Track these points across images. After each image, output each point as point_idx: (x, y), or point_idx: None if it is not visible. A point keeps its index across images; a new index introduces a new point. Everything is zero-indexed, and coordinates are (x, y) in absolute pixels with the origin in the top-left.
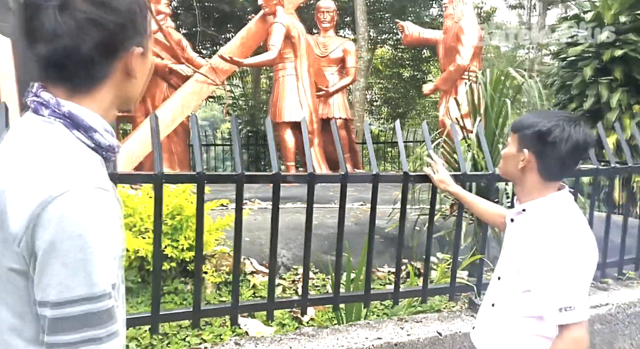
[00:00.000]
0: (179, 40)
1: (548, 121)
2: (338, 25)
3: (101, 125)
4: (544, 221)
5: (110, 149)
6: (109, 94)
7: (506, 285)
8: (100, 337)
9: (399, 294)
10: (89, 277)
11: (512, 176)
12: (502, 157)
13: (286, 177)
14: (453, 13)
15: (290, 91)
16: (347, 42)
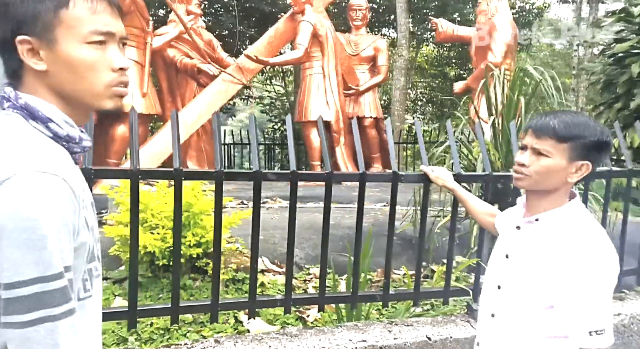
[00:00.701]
0: (209, 40)
1: (598, 127)
2: (379, 24)
3: (59, 116)
4: (567, 234)
5: (70, 140)
6: (39, 89)
7: (511, 296)
8: (54, 314)
9: (388, 296)
10: (40, 258)
11: (547, 189)
12: (539, 171)
13: (303, 176)
14: (487, 9)
15: (317, 89)
16: (379, 40)
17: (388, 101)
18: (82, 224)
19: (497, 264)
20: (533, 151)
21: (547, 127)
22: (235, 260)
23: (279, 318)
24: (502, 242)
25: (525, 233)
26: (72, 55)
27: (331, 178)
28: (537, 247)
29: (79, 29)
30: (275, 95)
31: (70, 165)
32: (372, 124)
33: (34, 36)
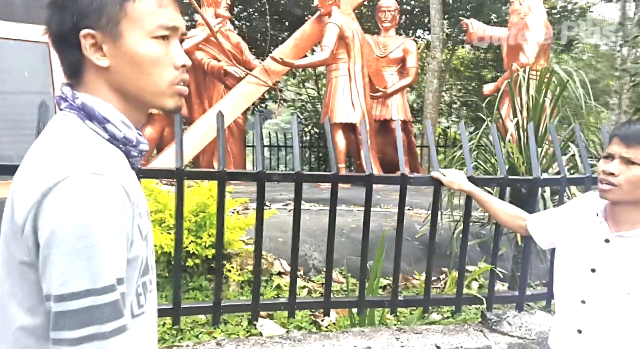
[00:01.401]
0: (237, 43)
1: None
2: (413, 25)
3: (116, 116)
4: None
5: (127, 142)
6: (99, 86)
7: (601, 311)
8: (103, 333)
9: (396, 302)
10: (91, 267)
11: (637, 199)
12: (631, 180)
13: (308, 177)
14: (519, 8)
15: (342, 91)
16: (408, 42)
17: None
18: (136, 233)
19: (579, 278)
20: (622, 160)
21: (638, 135)
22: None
23: (293, 322)
24: (581, 256)
25: (617, 247)
26: (137, 50)
27: (337, 180)
28: (633, 261)
29: (145, 22)
30: (307, 98)
31: (127, 169)
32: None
33: (98, 30)
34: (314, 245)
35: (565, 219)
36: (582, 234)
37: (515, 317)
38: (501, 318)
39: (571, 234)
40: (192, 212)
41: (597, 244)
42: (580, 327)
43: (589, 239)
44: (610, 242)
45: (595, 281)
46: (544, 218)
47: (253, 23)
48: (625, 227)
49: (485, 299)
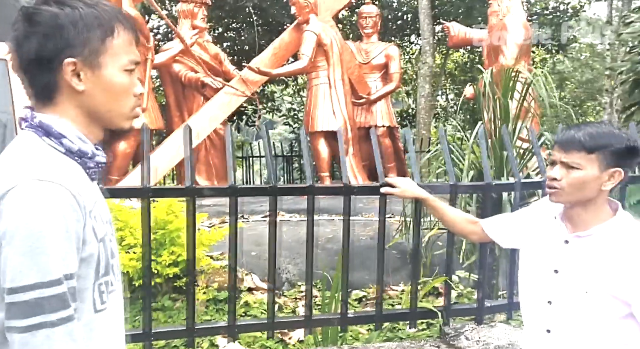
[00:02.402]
0: (216, 54)
1: (624, 133)
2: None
3: (72, 132)
4: (629, 245)
5: (83, 155)
6: (69, 106)
7: (567, 311)
8: (51, 321)
9: (346, 320)
10: (39, 264)
11: (585, 200)
12: (572, 183)
13: (284, 190)
14: (498, 10)
15: (323, 99)
16: (390, 47)
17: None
18: (89, 233)
19: (544, 279)
20: (563, 165)
21: (573, 140)
22: (220, 278)
23: (259, 340)
24: (543, 258)
25: (576, 248)
26: (112, 80)
27: (313, 191)
28: (594, 261)
29: (120, 57)
30: (298, 107)
31: (81, 178)
32: (385, 133)
33: (80, 59)
34: (288, 258)
35: (526, 223)
36: (544, 237)
37: (474, 331)
38: (459, 332)
39: (533, 237)
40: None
41: (557, 245)
42: (549, 327)
43: (550, 241)
44: (570, 243)
45: (559, 281)
46: (501, 221)
47: (242, 34)
48: (581, 227)
49: (442, 312)
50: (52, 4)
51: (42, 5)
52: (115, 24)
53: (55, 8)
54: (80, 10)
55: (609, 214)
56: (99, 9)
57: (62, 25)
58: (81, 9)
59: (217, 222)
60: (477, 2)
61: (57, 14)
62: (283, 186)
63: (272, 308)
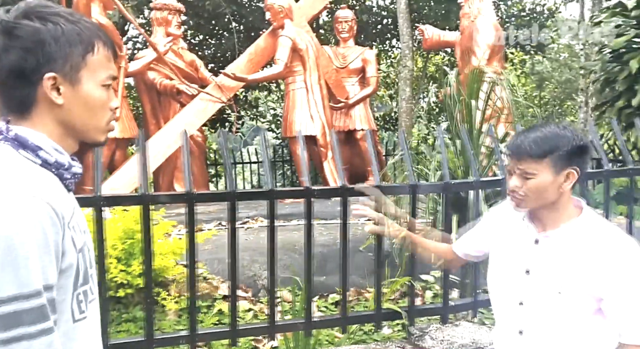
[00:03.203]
0: (191, 61)
1: (569, 133)
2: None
3: (48, 144)
4: (596, 242)
5: (59, 166)
6: (46, 120)
7: (539, 311)
8: (30, 333)
9: (311, 324)
10: (17, 276)
11: (547, 202)
12: (530, 191)
13: (244, 195)
14: (469, 12)
15: (300, 104)
16: (367, 51)
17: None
18: (68, 244)
19: (515, 280)
20: (518, 174)
21: (521, 150)
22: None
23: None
24: (513, 259)
25: (546, 247)
26: (91, 94)
27: (274, 196)
28: (565, 260)
29: (99, 73)
30: (281, 113)
31: (57, 189)
32: (364, 137)
33: (60, 73)
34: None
35: (492, 228)
36: (513, 238)
37: (438, 330)
38: (424, 332)
39: (502, 239)
40: (120, 239)
41: (527, 246)
42: (521, 328)
43: (520, 242)
44: (540, 243)
45: (530, 282)
46: (469, 238)
47: (222, 41)
48: (550, 227)
49: (406, 312)
50: (33, 19)
51: (22, 20)
52: (95, 40)
53: (37, 23)
54: (62, 26)
55: (575, 212)
56: (80, 26)
57: (44, 40)
58: (63, 25)
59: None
60: (454, 6)
61: (38, 29)
62: (242, 191)
63: (234, 316)
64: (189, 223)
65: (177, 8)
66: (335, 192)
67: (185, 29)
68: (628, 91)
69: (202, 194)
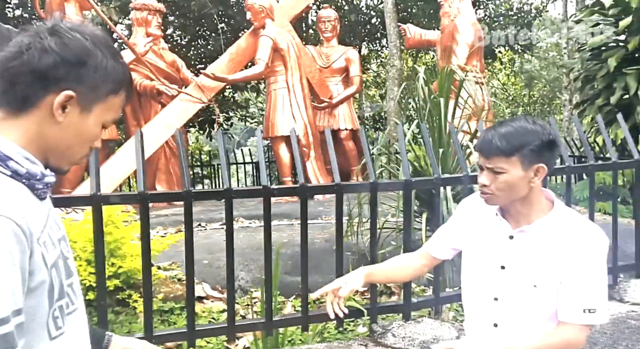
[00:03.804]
0: (172, 61)
1: (538, 128)
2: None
3: (19, 153)
4: (564, 234)
5: (31, 177)
6: (33, 126)
7: (515, 306)
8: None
9: (272, 324)
10: None
11: (517, 198)
12: (501, 187)
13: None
14: (449, 11)
15: (282, 104)
16: (350, 51)
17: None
18: (37, 262)
19: (490, 276)
20: (489, 170)
21: (490, 146)
22: (166, 289)
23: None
24: (488, 255)
25: (521, 242)
26: (89, 128)
27: (230, 195)
28: (540, 254)
29: (109, 113)
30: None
31: (27, 201)
32: (348, 136)
33: (78, 97)
34: (242, 264)
35: (464, 226)
36: (487, 234)
37: (400, 327)
38: (386, 330)
39: (475, 235)
40: (90, 241)
41: (502, 241)
42: (496, 321)
43: (494, 238)
44: (514, 239)
45: (506, 277)
46: (440, 236)
47: (209, 41)
48: (523, 222)
49: (368, 310)
50: (87, 39)
51: (76, 33)
52: (123, 86)
53: (89, 44)
54: (107, 60)
55: (548, 206)
56: (120, 68)
57: (85, 62)
58: (109, 60)
59: (174, 232)
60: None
61: (88, 50)
62: (199, 191)
63: (192, 317)
64: (143, 223)
65: (156, 8)
66: (294, 191)
67: (171, 30)
68: (607, 89)
69: (156, 194)
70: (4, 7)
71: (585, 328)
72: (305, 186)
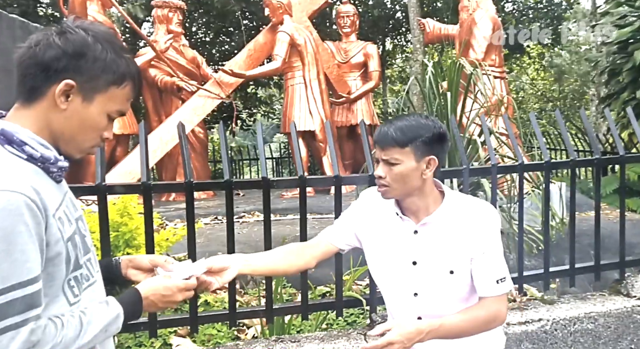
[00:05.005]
0: (193, 58)
1: (430, 122)
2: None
3: (33, 139)
4: (462, 218)
5: (45, 160)
6: (42, 115)
7: (435, 298)
8: (15, 323)
9: (272, 312)
10: (2, 271)
11: (413, 190)
12: (395, 178)
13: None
14: (468, 5)
15: (299, 99)
16: (369, 46)
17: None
18: (54, 234)
19: (404, 273)
20: (384, 162)
21: (386, 138)
22: None
23: (214, 339)
24: (397, 251)
25: (426, 235)
26: (92, 116)
27: (231, 186)
28: (448, 242)
29: (112, 103)
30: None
31: (42, 182)
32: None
33: (79, 85)
34: None
35: (362, 219)
36: (391, 232)
37: None
38: (386, 319)
39: (378, 232)
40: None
41: (407, 238)
42: (420, 314)
43: (399, 236)
44: (419, 233)
45: (420, 272)
46: (343, 227)
47: (232, 38)
48: (423, 215)
49: (367, 300)
50: (89, 35)
51: (80, 30)
52: (127, 79)
53: (89, 39)
54: (107, 53)
55: (440, 196)
56: (122, 61)
57: (84, 54)
58: (109, 53)
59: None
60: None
61: (87, 43)
62: (200, 182)
63: (195, 304)
64: (146, 214)
65: (177, 5)
66: (294, 183)
67: (195, 27)
68: (633, 83)
69: (158, 184)
70: (36, 6)
71: (502, 297)
72: (304, 178)
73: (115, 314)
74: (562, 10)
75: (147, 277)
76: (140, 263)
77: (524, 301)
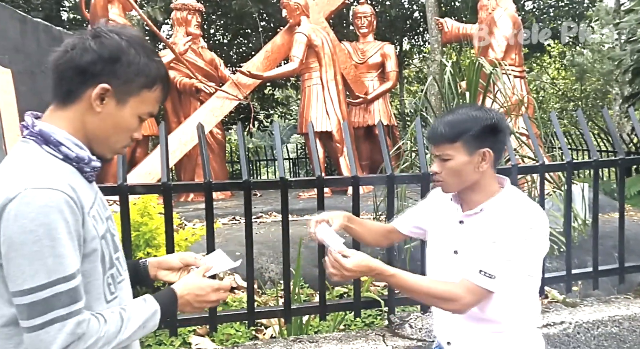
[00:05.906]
0: (211, 59)
1: (482, 113)
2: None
3: (69, 140)
4: (505, 214)
5: (79, 160)
6: (77, 117)
7: None
8: (61, 315)
9: (290, 312)
10: (45, 265)
11: (470, 184)
12: (449, 173)
13: (257, 184)
14: (487, 4)
15: (316, 100)
16: (386, 46)
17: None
18: (90, 231)
19: (445, 261)
20: (438, 158)
21: (436, 134)
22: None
23: (233, 338)
24: (443, 240)
25: (469, 227)
26: (125, 119)
27: (249, 186)
28: (483, 237)
29: (143, 106)
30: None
31: (78, 181)
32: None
33: (113, 89)
34: (272, 257)
35: (428, 209)
36: (442, 219)
37: (418, 319)
38: (404, 321)
39: (435, 221)
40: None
41: (454, 226)
42: None
43: (448, 223)
44: (464, 223)
45: (459, 262)
46: (410, 215)
47: (250, 40)
48: (472, 206)
49: (386, 301)
50: (123, 39)
51: (113, 34)
52: (158, 82)
53: (124, 43)
54: (140, 57)
55: (497, 191)
56: (154, 65)
57: (119, 58)
58: (142, 57)
59: None
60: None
61: (121, 48)
62: (218, 182)
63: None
64: (166, 212)
65: (196, 8)
66: (312, 183)
67: (214, 30)
68: None
69: (178, 184)
70: (59, 9)
71: (475, 289)
72: (321, 178)
73: (152, 311)
74: (584, 8)
75: (178, 276)
76: (171, 263)
77: (545, 303)
